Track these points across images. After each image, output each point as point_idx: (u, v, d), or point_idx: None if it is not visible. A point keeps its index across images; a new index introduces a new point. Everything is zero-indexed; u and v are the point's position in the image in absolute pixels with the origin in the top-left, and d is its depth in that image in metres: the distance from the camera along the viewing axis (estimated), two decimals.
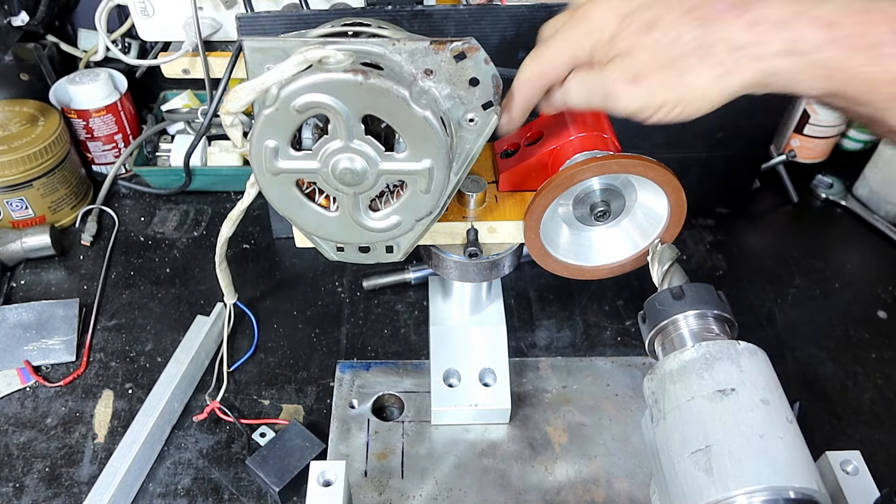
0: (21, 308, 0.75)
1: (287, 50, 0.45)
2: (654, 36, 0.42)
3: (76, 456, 0.65)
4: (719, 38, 0.41)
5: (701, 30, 0.41)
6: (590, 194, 0.55)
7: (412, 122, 0.45)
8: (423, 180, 0.48)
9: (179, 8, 0.81)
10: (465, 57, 0.47)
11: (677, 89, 0.43)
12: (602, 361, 0.73)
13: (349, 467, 0.62)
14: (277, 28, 0.66)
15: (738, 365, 0.44)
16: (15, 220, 0.83)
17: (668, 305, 0.49)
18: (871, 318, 0.78)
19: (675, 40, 0.42)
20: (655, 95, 0.43)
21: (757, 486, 0.39)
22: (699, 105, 0.43)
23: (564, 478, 0.63)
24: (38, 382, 0.70)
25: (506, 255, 0.59)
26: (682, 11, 0.42)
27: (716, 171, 0.84)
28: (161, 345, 0.74)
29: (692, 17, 0.42)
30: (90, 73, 0.88)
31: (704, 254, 0.85)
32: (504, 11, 0.66)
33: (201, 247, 0.85)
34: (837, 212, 0.91)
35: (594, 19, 0.44)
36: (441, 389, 0.66)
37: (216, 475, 0.64)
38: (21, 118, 0.83)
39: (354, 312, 0.78)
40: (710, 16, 0.41)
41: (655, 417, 0.46)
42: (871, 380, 0.72)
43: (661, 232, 0.57)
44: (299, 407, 0.69)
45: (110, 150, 0.91)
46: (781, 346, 0.75)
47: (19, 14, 0.86)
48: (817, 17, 0.40)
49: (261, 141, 0.46)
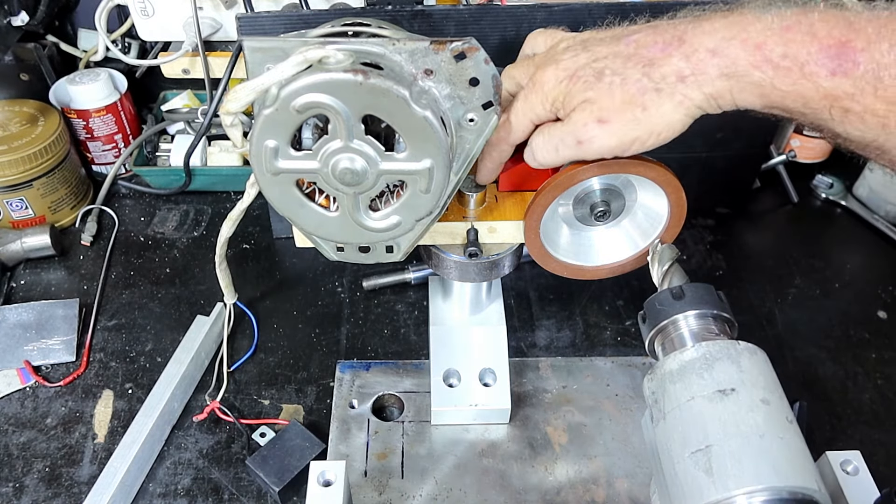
0: (21, 308, 0.75)
1: (287, 50, 0.45)
2: (606, 80, 0.46)
3: (76, 456, 0.65)
4: (664, 74, 0.44)
5: (646, 69, 0.45)
6: (590, 194, 0.55)
7: (412, 122, 0.45)
8: (423, 180, 0.48)
9: (179, 8, 0.81)
10: (465, 57, 0.48)
11: (644, 124, 0.46)
12: (602, 361, 0.73)
13: (349, 467, 0.62)
14: (277, 28, 0.66)
15: (738, 365, 0.44)
16: (15, 220, 0.83)
17: (668, 305, 0.49)
18: (871, 318, 0.78)
19: (625, 80, 0.45)
20: (626, 133, 0.46)
21: (757, 486, 0.39)
22: (668, 132, 0.46)
23: (564, 478, 0.63)
24: (38, 382, 0.70)
25: (506, 255, 0.59)
26: (624, 59, 0.45)
27: (716, 171, 0.84)
28: (161, 345, 0.74)
29: (634, 62, 0.45)
30: (90, 73, 0.88)
31: (704, 254, 0.85)
32: (504, 11, 0.66)
33: (201, 247, 0.85)
34: (837, 212, 0.91)
35: (547, 86, 0.48)
36: (441, 389, 0.66)
37: (216, 475, 0.64)
38: (21, 118, 0.83)
39: (354, 312, 0.78)
40: (649, 57, 0.45)
41: (655, 417, 0.46)
42: (871, 380, 0.72)
43: (661, 232, 0.57)
44: (299, 407, 0.69)
45: (110, 150, 0.91)
46: (781, 346, 0.75)
47: (19, 14, 0.86)
48: (746, 40, 0.42)
49: (261, 141, 0.46)
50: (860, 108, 0.41)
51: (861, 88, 0.40)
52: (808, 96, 0.42)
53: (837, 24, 0.40)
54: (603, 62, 0.46)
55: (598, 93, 0.46)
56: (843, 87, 0.40)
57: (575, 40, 0.49)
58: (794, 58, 0.41)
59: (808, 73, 0.41)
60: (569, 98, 0.47)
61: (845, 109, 0.41)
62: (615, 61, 0.46)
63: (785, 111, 0.44)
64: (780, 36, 0.41)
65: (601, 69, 0.46)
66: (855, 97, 0.40)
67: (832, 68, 0.40)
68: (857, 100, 0.40)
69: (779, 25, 0.41)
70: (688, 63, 0.44)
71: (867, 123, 0.41)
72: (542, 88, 0.48)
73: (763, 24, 0.42)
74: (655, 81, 0.44)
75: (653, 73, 0.44)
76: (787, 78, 0.42)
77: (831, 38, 0.40)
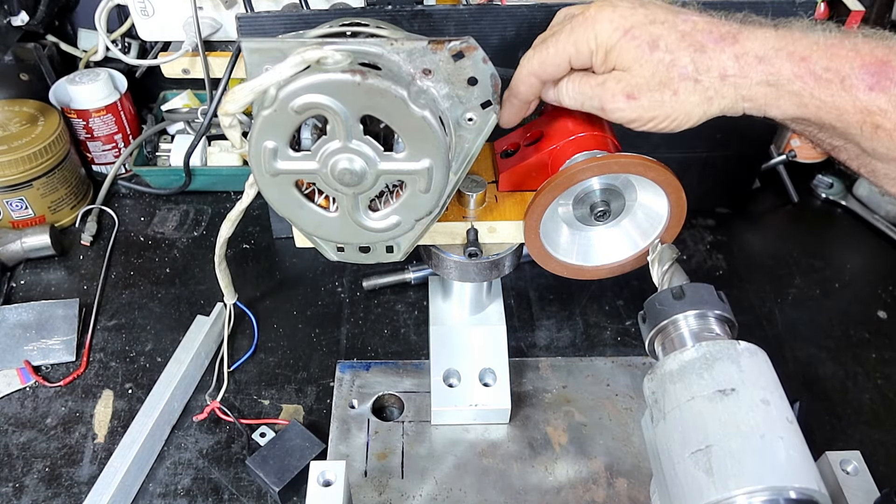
0: (21, 308, 0.75)
1: (285, 51, 0.45)
2: (657, 55, 0.46)
3: (76, 456, 0.65)
4: (710, 66, 0.45)
5: (696, 55, 0.45)
6: (590, 194, 0.55)
7: (411, 122, 0.45)
8: (422, 180, 0.48)
9: (179, 8, 0.81)
10: (464, 56, 0.48)
11: (667, 108, 0.47)
12: (602, 361, 0.73)
13: (349, 467, 0.62)
14: (277, 28, 0.65)
15: (739, 365, 0.44)
16: (15, 220, 0.83)
17: (668, 305, 0.50)
18: (871, 318, 0.78)
19: (673, 62, 0.45)
20: (647, 111, 0.47)
21: (757, 486, 0.39)
22: (683, 122, 0.48)
23: (564, 478, 0.63)
24: (37, 382, 0.70)
25: (506, 255, 0.59)
26: (679, 35, 0.46)
27: (716, 171, 0.84)
28: (161, 345, 0.74)
29: (688, 42, 0.45)
30: (90, 72, 0.88)
31: (704, 254, 0.85)
32: (504, 11, 0.66)
33: (201, 247, 0.85)
34: (837, 212, 0.91)
35: (599, 25, 0.47)
36: (441, 389, 0.66)
37: (216, 475, 0.64)
38: (21, 118, 0.83)
39: (354, 312, 0.78)
40: (703, 43, 0.45)
41: (655, 417, 0.46)
42: (871, 380, 0.72)
43: (661, 232, 0.57)
44: (299, 407, 0.69)
45: (110, 150, 0.91)
46: (781, 346, 0.75)
47: (19, 14, 0.86)
48: (793, 53, 0.44)
49: (260, 142, 0.46)
50: (890, 125, 0.43)
51: (894, 105, 0.42)
52: (843, 108, 0.44)
53: (879, 45, 0.43)
54: (660, 28, 0.46)
55: (643, 66, 0.46)
56: (877, 103, 0.43)
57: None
58: (837, 71, 0.43)
59: (847, 86, 0.43)
60: (615, 55, 0.46)
61: (876, 125, 0.43)
62: (671, 34, 0.45)
63: (817, 123, 0.46)
64: (825, 51, 0.44)
65: (656, 37, 0.45)
66: (888, 114, 0.43)
67: (871, 84, 0.43)
68: (889, 116, 0.43)
69: (825, 42, 0.44)
70: (736, 63, 0.45)
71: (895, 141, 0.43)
72: (593, 26, 0.47)
73: (810, 41, 0.44)
74: (699, 72, 0.45)
75: (700, 62, 0.45)
76: (827, 89, 0.44)
77: (873, 57, 0.43)
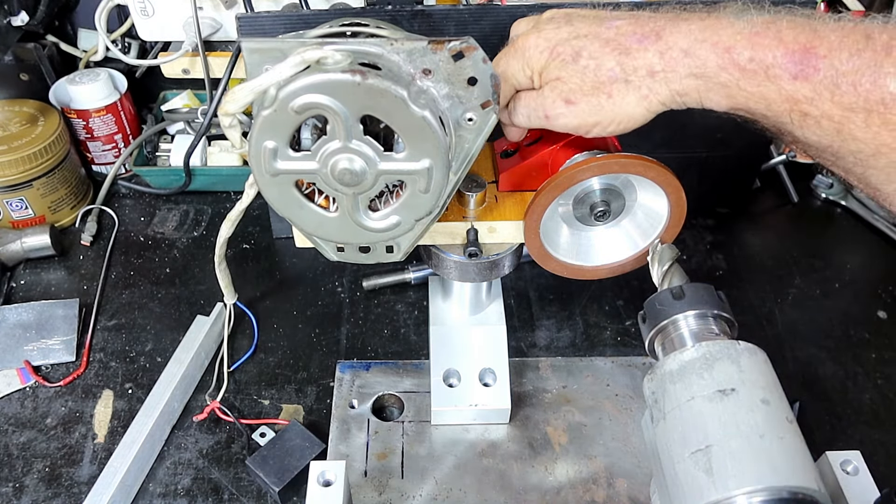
0: (21, 308, 0.75)
1: (285, 51, 0.45)
2: (581, 63, 0.47)
3: (76, 456, 0.65)
4: (636, 66, 0.46)
5: (621, 57, 0.46)
6: (590, 194, 0.55)
7: (411, 122, 0.45)
8: (422, 180, 0.48)
9: (179, 8, 0.81)
10: (464, 56, 0.47)
11: (607, 111, 0.48)
12: (602, 361, 0.73)
13: (349, 467, 0.62)
14: (277, 28, 0.65)
15: (738, 365, 0.44)
16: (15, 220, 0.83)
17: (668, 305, 0.49)
18: (871, 318, 0.78)
19: (599, 67, 0.47)
20: (589, 115, 0.49)
21: (757, 486, 0.39)
22: (628, 123, 0.49)
23: (564, 478, 0.63)
24: (37, 382, 0.70)
25: (506, 255, 0.59)
26: (602, 42, 0.47)
27: (716, 171, 0.84)
28: (161, 345, 0.74)
29: (611, 47, 0.47)
30: (90, 73, 0.88)
31: (704, 254, 0.85)
32: (504, 11, 0.66)
33: (201, 247, 0.85)
34: (837, 212, 0.91)
35: (528, 52, 0.49)
36: (441, 389, 0.66)
37: (216, 475, 0.64)
38: (21, 118, 0.83)
39: (354, 312, 0.78)
40: (627, 45, 0.46)
41: (655, 417, 0.46)
42: (871, 380, 0.72)
43: (661, 232, 0.57)
44: (299, 407, 0.69)
45: (110, 150, 0.91)
46: (781, 346, 0.75)
47: (19, 14, 0.86)
48: (717, 43, 0.44)
49: (259, 142, 0.46)
50: (818, 112, 0.42)
51: (819, 93, 0.42)
52: (770, 98, 0.43)
53: (804, 30, 0.42)
54: (583, 41, 0.47)
55: (571, 74, 0.48)
56: (802, 91, 0.42)
57: (559, 13, 0.51)
58: (760, 61, 0.43)
59: (772, 75, 0.43)
60: (545, 71, 0.49)
61: (804, 113, 0.43)
62: (594, 43, 0.47)
63: (749, 113, 0.46)
64: (748, 40, 0.43)
65: (579, 49, 0.47)
66: (813, 101, 0.42)
67: (795, 72, 0.42)
68: (815, 104, 0.42)
69: (749, 31, 0.43)
70: (661, 59, 0.45)
71: (823, 128, 0.43)
72: (523, 54, 0.50)
73: (734, 29, 0.44)
74: (627, 73, 0.46)
75: (626, 63, 0.46)
76: (752, 80, 0.43)
77: (796, 44, 0.42)
